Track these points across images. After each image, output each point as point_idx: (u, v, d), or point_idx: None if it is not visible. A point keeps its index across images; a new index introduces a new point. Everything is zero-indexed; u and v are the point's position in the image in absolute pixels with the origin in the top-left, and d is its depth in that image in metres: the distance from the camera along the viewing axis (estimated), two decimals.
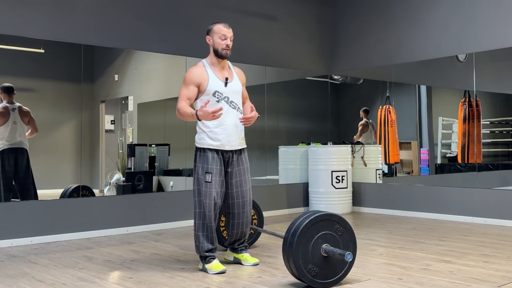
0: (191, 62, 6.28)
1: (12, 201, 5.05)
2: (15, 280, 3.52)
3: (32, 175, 5.16)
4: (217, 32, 3.74)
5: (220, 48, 3.73)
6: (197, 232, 3.70)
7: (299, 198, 7.18)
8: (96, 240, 5.03)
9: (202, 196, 3.69)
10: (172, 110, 6.70)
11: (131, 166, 6.11)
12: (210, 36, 3.77)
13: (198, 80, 3.69)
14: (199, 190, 3.71)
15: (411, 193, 6.61)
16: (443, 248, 4.42)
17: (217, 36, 3.74)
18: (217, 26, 3.76)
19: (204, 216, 3.68)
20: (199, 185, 3.71)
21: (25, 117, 5.14)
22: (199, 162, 3.73)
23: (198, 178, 3.71)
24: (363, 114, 7.72)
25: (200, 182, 3.70)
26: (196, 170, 3.74)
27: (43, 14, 5.12)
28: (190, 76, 3.71)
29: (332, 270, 3.23)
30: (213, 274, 3.60)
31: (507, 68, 6.16)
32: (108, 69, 6.02)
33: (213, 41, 3.75)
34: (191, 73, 3.72)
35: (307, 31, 7.43)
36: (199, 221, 3.70)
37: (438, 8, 6.47)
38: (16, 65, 5.19)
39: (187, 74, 3.74)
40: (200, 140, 3.75)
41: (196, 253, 3.75)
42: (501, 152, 6.66)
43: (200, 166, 3.72)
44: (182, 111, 3.64)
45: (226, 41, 3.73)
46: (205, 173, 3.68)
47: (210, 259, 3.68)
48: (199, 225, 3.70)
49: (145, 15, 5.81)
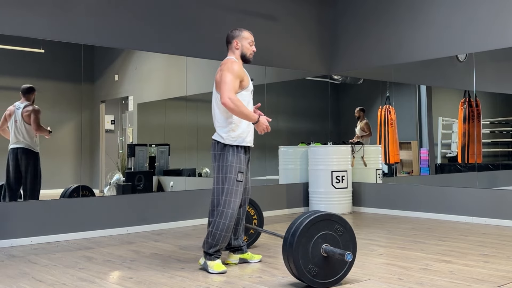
0: (191, 62, 6.29)
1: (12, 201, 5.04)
2: (15, 280, 3.52)
3: (32, 176, 5.15)
4: (246, 37, 3.89)
5: (248, 53, 3.89)
6: (220, 231, 3.65)
7: (299, 198, 7.18)
8: (96, 240, 5.03)
9: (232, 196, 3.68)
10: (172, 110, 6.74)
11: (131, 166, 6.11)
12: (238, 40, 3.86)
13: (243, 76, 3.76)
14: (231, 190, 3.68)
15: (411, 193, 6.61)
16: (443, 248, 4.42)
17: (246, 42, 3.88)
18: (247, 32, 3.91)
19: (231, 217, 3.68)
20: (231, 184, 3.68)
21: (27, 117, 5.13)
22: (232, 161, 3.70)
23: (231, 177, 3.69)
24: (362, 113, 7.72)
25: (233, 181, 3.69)
26: (228, 169, 3.69)
27: (43, 14, 5.12)
28: (239, 70, 3.73)
29: (332, 270, 3.23)
30: (214, 273, 3.60)
31: (507, 68, 6.16)
32: (108, 69, 6.02)
33: (241, 45, 3.86)
34: (239, 67, 3.74)
35: (307, 31, 7.43)
36: (227, 222, 3.66)
37: (438, 8, 6.47)
38: (16, 65, 5.19)
39: (236, 67, 3.72)
40: (234, 138, 3.72)
41: (204, 248, 3.71)
42: (501, 152, 6.66)
43: (233, 165, 3.70)
44: (242, 108, 3.60)
45: (253, 47, 3.92)
46: (238, 173, 3.70)
47: (215, 257, 3.68)
48: (224, 226, 3.66)
49: (145, 15, 5.81)
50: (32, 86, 5.17)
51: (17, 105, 5.11)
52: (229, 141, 3.72)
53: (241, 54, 3.87)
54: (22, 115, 5.11)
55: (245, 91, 3.78)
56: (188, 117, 6.33)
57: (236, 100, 3.59)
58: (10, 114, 5.08)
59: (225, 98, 3.58)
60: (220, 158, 3.74)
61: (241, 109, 3.59)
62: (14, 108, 5.09)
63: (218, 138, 3.77)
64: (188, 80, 6.30)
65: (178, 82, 6.32)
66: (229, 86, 3.61)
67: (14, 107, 5.10)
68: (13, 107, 5.09)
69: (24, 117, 5.11)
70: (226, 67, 3.72)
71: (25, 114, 5.11)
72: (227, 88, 3.60)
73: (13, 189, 5.07)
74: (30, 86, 5.15)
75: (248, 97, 3.81)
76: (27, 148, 5.15)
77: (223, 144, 3.73)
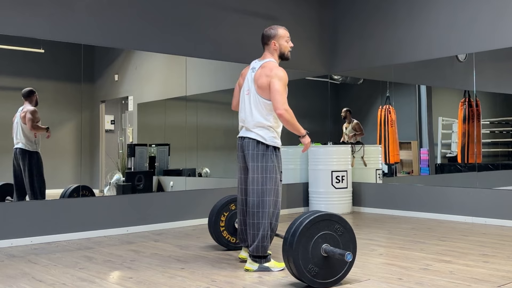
0: (191, 62, 6.29)
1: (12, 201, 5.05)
2: (15, 280, 3.52)
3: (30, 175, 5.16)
4: (283, 36, 3.82)
5: (287, 50, 3.84)
6: (270, 232, 3.66)
7: (299, 198, 7.18)
8: (96, 240, 5.03)
9: (279, 195, 3.71)
10: (172, 110, 6.73)
11: (131, 166, 6.11)
12: (275, 40, 3.80)
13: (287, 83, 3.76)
14: (276, 190, 3.69)
15: (411, 193, 6.61)
16: (443, 248, 4.42)
17: (283, 40, 3.82)
18: (283, 30, 3.83)
19: (278, 217, 3.71)
20: (275, 184, 3.69)
21: (23, 117, 5.16)
22: (275, 162, 3.71)
23: (275, 178, 3.69)
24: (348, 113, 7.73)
25: (277, 182, 3.70)
26: (272, 169, 3.68)
27: (43, 14, 5.12)
28: (286, 78, 3.72)
29: (332, 270, 3.23)
30: (279, 271, 3.63)
31: (507, 68, 6.16)
32: (108, 69, 6.02)
33: (279, 45, 3.81)
34: (286, 74, 3.73)
35: (307, 31, 7.43)
36: (274, 222, 3.69)
37: (438, 8, 6.47)
38: (16, 65, 5.19)
39: (284, 75, 3.70)
40: (275, 140, 3.74)
41: (258, 253, 3.64)
42: (501, 152, 6.66)
43: (276, 165, 3.71)
44: (294, 119, 3.65)
45: (290, 43, 3.86)
46: (280, 173, 3.73)
47: (270, 257, 3.70)
48: (273, 226, 3.69)
49: (145, 15, 5.81)
50: (31, 89, 5.18)
51: (19, 108, 5.19)
52: (272, 142, 3.71)
53: (280, 54, 3.82)
54: (20, 116, 5.14)
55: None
56: (188, 117, 6.33)
57: (291, 112, 3.63)
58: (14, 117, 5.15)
59: (282, 109, 3.58)
60: (262, 158, 3.68)
61: (294, 121, 3.64)
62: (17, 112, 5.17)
63: (258, 137, 3.69)
64: (188, 80, 6.30)
65: (178, 82, 6.32)
66: (284, 97, 3.63)
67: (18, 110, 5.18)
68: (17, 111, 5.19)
69: (21, 118, 5.14)
70: (274, 74, 3.66)
71: (22, 115, 5.15)
72: (282, 99, 3.60)
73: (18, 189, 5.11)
74: (29, 90, 5.17)
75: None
76: (24, 148, 5.17)
77: (266, 145, 3.69)
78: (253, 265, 3.66)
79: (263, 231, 3.63)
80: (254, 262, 3.66)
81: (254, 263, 3.66)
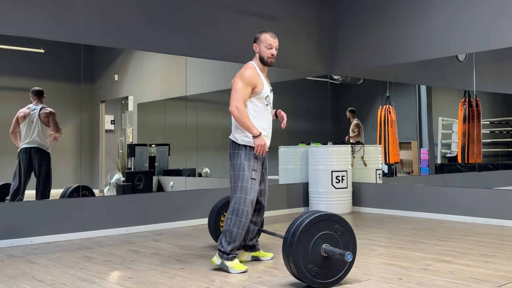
0: (191, 62, 6.29)
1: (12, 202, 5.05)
2: (15, 280, 3.52)
3: (46, 175, 5.19)
4: (263, 41, 3.86)
5: (266, 56, 3.86)
6: (232, 228, 3.68)
7: (299, 198, 7.18)
8: (96, 240, 5.03)
9: (247, 193, 3.71)
10: (172, 110, 6.73)
11: (131, 166, 6.11)
12: (257, 44, 3.89)
13: (255, 82, 3.76)
14: (243, 187, 3.72)
15: (411, 193, 6.61)
16: (443, 248, 4.42)
17: (263, 45, 3.86)
18: (264, 35, 3.88)
19: (246, 214, 3.71)
20: (244, 182, 3.72)
21: (45, 118, 5.18)
22: (245, 160, 3.75)
23: (244, 175, 3.72)
24: (352, 114, 7.74)
25: (246, 179, 3.72)
26: (240, 167, 3.74)
27: (43, 14, 5.12)
28: (250, 77, 3.74)
29: (332, 270, 3.23)
30: (235, 273, 3.61)
31: (507, 68, 6.16)
32: (108, 69, 6.02)
33: (259, 49, 3.87)
34: (251, 74, 3.76)
35: (307, 31, 7.43)
36: (239, 218, 3.69)
37: (439, 8, 6.47)
38: (16, 65, 5.19)
39: (246, 74, 3.75)
40: (246, 138, 3.75)
41: (221, 247, 3.70)
42: (501, 152, 6.66)
43: (246, 163, 3.74)
44: (245, 118, 3.67)
45: (271, 50, 3.87)
46: (251, 171, 3.74)
47: (233, 257, 3.69)
48: (238, 222, 3.69)
49: (145, 15, 5.81)
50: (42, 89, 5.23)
51: (32, 107, 5.18)
52: (242, 141, 3.77)
53: (259, 58, 3.88)
54: (40, 117, 5.15)
55: (256, 98, 3.79)
56: (188, 117, 6.33)
57: (242, 110, 3.66)
58: (25, 116, 5.13)
59: (232, 106, 3.67)
60: (234, 157, 3.79)
61: (244, 120, 3.67)
62: (29, 111, 5.15)
63: (233, 138, 3.82)
64: (188, 80, 6.30)
65: (178, 82, 6.32)
66: (238, 95, 3.68)
67: (29, 109, 5.16)
68: (27, 109, 5.16)
69: (42, 119, 5.16)
70: (239, 73, 3.78)
71: (43, 115, 5.17)
72: (235, 96, 3.68)
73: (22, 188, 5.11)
74: (41, 89, 5.23)
75: (261, 104, 3.81)
76: (41, 148, 5.20)
77: (238, 144, 3.78)
78: (218, 259, 3.73)
79: (227, 226, 3.72)
80: (219, 256, 3.73)
81: (219, 258, 3.73)
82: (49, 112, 5.21)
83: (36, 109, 5.16)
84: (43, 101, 5.22)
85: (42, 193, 5.18)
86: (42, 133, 5.18)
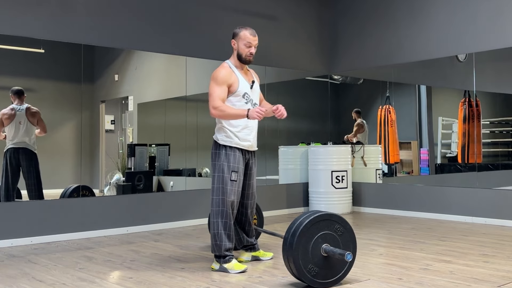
0: (191, 62, 6.29)
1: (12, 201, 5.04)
2: (15, 280, 3.52)
3: (35, 176, 5.16)
4: (243, 38, 3.78)
5: (244, 54, 3.79)
6: (218, 230, 3.68)
7: (299, 198, 7.18)
8: (96, 240, 5.03)
9: (226, 194, 3.69)
10: (172, 110, 6.73)
11: (131, 166, 6.11)
12: (235, 40, 3.82)
13: (230, 81, 3.73)
14: (222, 189, 3.70)
15: (411, 193, 6.61)
16: (443, 248, 4.42)
17: (242, 43, 3.78)
18: (244, 32, 3.79)
19: (226, 215, 3.69)
20: (222, 183, 3.70)
21: (33, 118, 5.16)
22: (224, 161, 3.72)
23: (223, 177, 3.70)
24: (356, 115, 7.74)
25: (225, 180, 3.69)
26: (219, 168, 3.72)
27: (43, 14, 5.12)
28: (223, 76, 3.71)
29: (332, 270, 3.23)
30: (236, 273, 3.61)
31: (507, 68, 6.16)
32: (108, 69, 6.02)
33: (237, 46, 3.80)
34: (223, 73, 3.72)
35: (307, 31, 7.43)
36: (221, 220, 3.68)
37: (439, 8, 6.47)
38: (16, 65, 5.19)
39: (218, 74, 3.72)
40: (227, 138, 3.74)
41: (214, 252, 3.71)
42: (501, 152, 6.66)
43: (225, 164, 3.71)
44: (227, 111, 3.63)
45: (250, 48, 3.78)
46: (231, 172, 3.71)
47: (230, 258, 3.68)
48: (220, 224, 3.68)
49: (145, 15, 5.81)
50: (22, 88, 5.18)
51: (16, 108, 5.12)
52: (222, 141, 3.76)
53: (237, 55, 3.81)
54: (27, 117, 5.14)
55: (233, 96, 3.74)
56: (188, 117, 6.33)
57: (219, 106, 3.62)
58: (10, 116, 5.08)
59: (211, 109, 3.66)
60: (215, 157, 3.78)
61: (227, 111, 3.63)
62: (13, 112, 5.10)
63: (215, 138, 3.83)
64: (188, 80, 6.30)
65: (178, 82, 6.32)
66: (212, 97, 3.67)
67: (14, 110, 5.11)
68: (12, 110, 5.09)
69: (29, 119, 5.14)
70: (212, 75, 3.74)
71: (31, 115, 5.15)
72: (210, 100, 3.67)
73: (11, 189, 5.08)
74: (21, 88, 5.17)
75: (240, 103, 3.75)
76: (29, 149, 5.17)
77: (218, 144, 3.78)
78: (216, 264, 3.72)
79: (213, 230, 3.70)
80: (216, 262, 3.72)
81: (217, 263, 3.72)
82: (36, 112, 5.18)
83: (22, 109, 5.14)
84: (24, 100, 5.18)
85: (37, 193, 5.15)
86: (29, 133, 5.16)
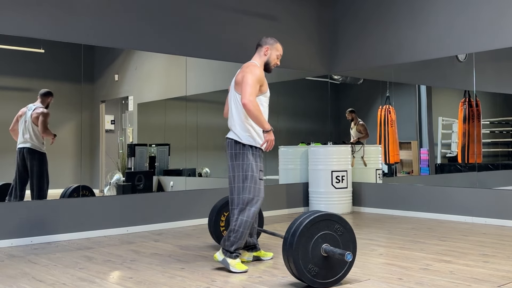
0: (191, 62, 6.29)
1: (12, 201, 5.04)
2: (15, 280, 3.52)
3: (37, 176, 5.17)
4: (277, 49, 3.97)
5: (273, 64, 3.96)
6: (243, 229, 3.67)
7: (299, 198, 7.18)
8: (96, 240, 5.03)
9: (256, 193, 3.71)
10: (172, 110, 6.73)
11: (131, 166, 6.11)
12: (269, 47, 3.93)
13: (263, 81, 3.80)
14: (252, 188, 3.71)
15: (411, 193, 6.61)
16: (443, 248, 4.42)
17: (275, 53, 3.96)
18: (278, 45, 3.98)
19: (255, 215, 3.72)
20: (254, 183, 3.71)
21: (35, 118, 5.17)
22: (253, 160, 3.74)
23: (253, 176, 3.71)
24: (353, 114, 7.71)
25: (255, 180, 3.72)
26: (249, 167, 3.72)
27: (43, 14, 5.12)
28: (261, 75, 3.79)
29: (332, 270, 3.23)
30: (236, 272, 3.61)
31: (507, 68, 6.16)
32: (108, 69, 6.02)
33: (270, 54, 3.93)
34: (261, 73, 3.81)
35: (307, 31, 7.43)
36: (250, 220, 3.69)
37: (439, 8, 6.47)
38: (16, 65, 5.19)
39: (258, 72, 3.77)
40: (251, 139, 3.75)
41: (224, 245, 3.69)
42: (501, 152, 6.66)
43: (254, 164, 3.74)
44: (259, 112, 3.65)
45: (278, 60, 3.99)
46: (259, 171, 3.75)
47: (236, 256, 3.69)
48: (247, 224, 3.69)
49: (145, 15, 5.81)
50: (49, 91, 5.25)
51: (29, 107, 5.19)
52: (247, 141, 3.75)
53: (266, 62, 3.92)
54: (31, 116, 5.15)
55: (263, 96, 3.83)
56: (188, 117, 6.33)
57: (255, 103, 3.65)
58: (21, 115, 5.14)
59: (246, 99, 3.62)
60: (240, 157, 3.75)
61: (258, 113, 3.64)
62: (26, 109, 5.15)
63: (235, 137, 3.78)
64: (188, 80, 6.30)
65: (178, 82, 6.32)
66: (251, 89, 3.66)
67: (27, 108, 5.16)
68: (26, 108, 5.16)
69: (32, 119, 5.15)
70: (249, 70, 3.77)
71: (34, 115, 5.16)
72: (248, 90, 3.65)
73: (20, 188, 5.11)
74: (48, 91, 5.25)
75: (266, 102, 3.86)
76: (33, 148, 5.18)
77: (242, 144, 3.75)
78: (221, 255, 3.74)
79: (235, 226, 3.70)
80: (222, 253, 3.73)
81: (222, 254, 3.73)
82: (40, 112, 5.18)
83: (31, 109, 5.16)
84: (47, 103, 5.21)
85: (37, 193, 5.16)
86: (34, 133, 5.17)
